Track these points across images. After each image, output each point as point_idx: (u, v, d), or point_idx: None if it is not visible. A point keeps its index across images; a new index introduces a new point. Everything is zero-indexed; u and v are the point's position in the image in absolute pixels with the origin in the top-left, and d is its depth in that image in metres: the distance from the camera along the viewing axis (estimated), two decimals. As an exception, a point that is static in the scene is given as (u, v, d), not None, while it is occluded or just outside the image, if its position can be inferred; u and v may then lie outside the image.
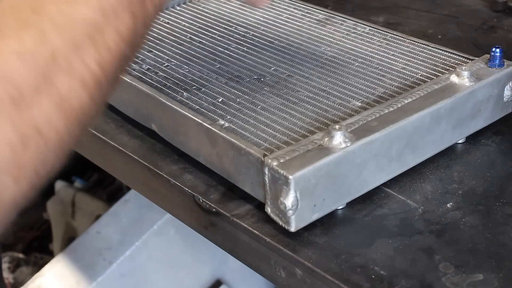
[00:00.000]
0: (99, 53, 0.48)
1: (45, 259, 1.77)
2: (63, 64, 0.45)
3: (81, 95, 0.47)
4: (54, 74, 0.45)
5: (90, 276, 1.35)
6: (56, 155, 0.46)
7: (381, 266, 0.65)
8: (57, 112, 0.45)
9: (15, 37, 0.44)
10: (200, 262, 1.43)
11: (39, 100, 0.44)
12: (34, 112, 0.44)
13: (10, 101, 0.42)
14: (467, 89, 0.79)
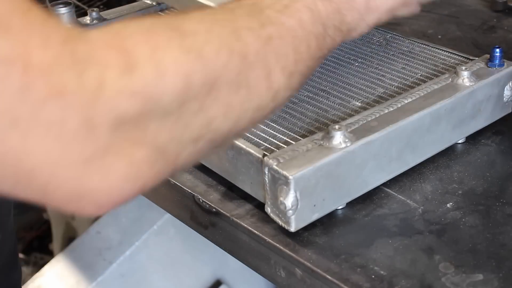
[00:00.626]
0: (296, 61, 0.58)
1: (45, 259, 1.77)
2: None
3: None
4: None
5: (90, 276, 1.35)
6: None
7: (381, 266, 0.65)
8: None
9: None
10: (200, 262, 1.43)
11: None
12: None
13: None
14: (467, 89, 0.79)
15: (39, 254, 1.92)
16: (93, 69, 0.43)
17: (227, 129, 0.52)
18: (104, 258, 1.37)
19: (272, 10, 0.58)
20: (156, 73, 0.46)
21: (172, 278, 1.41)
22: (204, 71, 0.49)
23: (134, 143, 0.45)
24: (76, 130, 0.42)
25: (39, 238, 1.95)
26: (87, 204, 0.45)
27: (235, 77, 0.51)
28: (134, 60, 0.45)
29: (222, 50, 0.51)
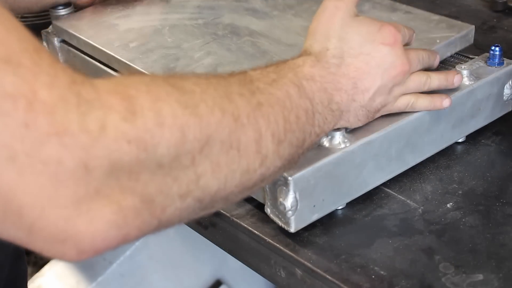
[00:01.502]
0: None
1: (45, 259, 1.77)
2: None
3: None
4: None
5: (90, 276, 1.35)
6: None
7: (381, 266, 0.65)
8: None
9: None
10: (200, 262, 1.43)
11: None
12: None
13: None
14: (467, 88, 0.79)
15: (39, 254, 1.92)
16: (96, 111, 0.44)
17: (215, 188, 0.52)
18: (104, 258, 1.37)
19: (260, 82, 0.60)
20: (155, 122, 0.47)
21: (172, 278, 1.41)
22: (199, 127, 0.50)
23: (124, 191, 0.46)
24: (72, 171, 0.42)
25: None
26: (70, 248, 0.45)
27: (227, 136, 0.52)
28: (136, 107, 0.46)
29: (216, 109, 0.52)
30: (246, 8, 0.99)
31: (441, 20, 0.88)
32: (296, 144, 0.60)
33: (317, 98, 0.64)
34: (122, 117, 0.45)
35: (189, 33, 0.93)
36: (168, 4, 1.03)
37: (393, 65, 0.68)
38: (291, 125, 0.59)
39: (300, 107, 0.61)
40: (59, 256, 0.46)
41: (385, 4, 0.95)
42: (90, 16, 1.02)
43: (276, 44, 0.88)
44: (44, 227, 0.43)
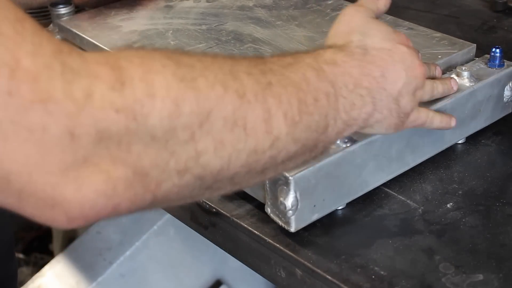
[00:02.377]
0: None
1: (45, 259, 1.77)
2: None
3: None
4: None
5: (90, 276, 1.35)
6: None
7: (381, 266, 0.65)
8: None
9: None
10: (200, 262, 1.43)
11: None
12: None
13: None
14: (467, 90, 0.79)
15: (39, 254, 1.92)
16: (83, 80, 0.44)
17: (217, 167, 0.51)
18: (104, 258, 1.37)
19: (275, 65, 0.58)
20: (146, 93, 0.46)
21: (172, 278, 1.41)
22: (196, 101, 0.49)
23: (115, 161, 0.45)
24: (58, 138, 0.42)
25: (39, 238, 1.95)
26: (59, 214, 0.45)
27: (231, 113, 0.51)
28: (125, 77, 0.46)
29: (217, 84, 0.51)
30: (250, 17, 0.99)
31: (443, 38, 0.89)
32: (315, 129, 0.58)
33: (340, 81, 0.61)
34: (109, 86, 0.44)
35: (192, 38, 0.94)
36: (172, 9, 1.04)
37: (413, 64, 0.67)
38: (307, 107, 0.57)
39: (319, 90, 0.59)
40: (50, 222, 0.46)
41: (388, 20, 0.95)
42: (94, 17, 1.02)
43: (278, 51, 0.88)
44: (33, 193, 0.43)
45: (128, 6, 1.05)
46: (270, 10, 1.01)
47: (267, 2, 1.04)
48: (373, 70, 0.64)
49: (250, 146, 0.52)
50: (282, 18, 0.99)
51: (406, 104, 0.67)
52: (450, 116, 0.75)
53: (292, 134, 0.55)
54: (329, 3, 1.03)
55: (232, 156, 0.51)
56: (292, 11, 1.01)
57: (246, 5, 1.04)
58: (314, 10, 1.01)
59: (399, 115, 0.67)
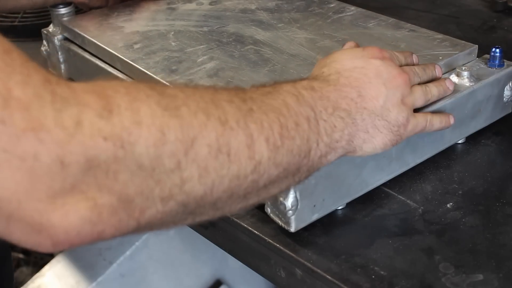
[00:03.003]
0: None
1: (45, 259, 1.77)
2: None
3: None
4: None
5: (90, 276, 1.35)
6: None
7: (381, 266, 0.65)
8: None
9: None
10: (200, 262, 1.43)
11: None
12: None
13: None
14: (467, 89, 0.79)
15: (39, 254, 1.92)
16: (72, 108, 0.44)
17: (201, 193, 0.52)
18: (104, 258, 1.37)
19: (255, 94, 0.59)
20: (133, 121, 0.47)
21: (172, 278, 1.41)
22: (180, 128, 0.49)
23: (101, 189, 0.46)
24: (48, 166, 0.43)
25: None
26: (45, 239, 0.46)
27: (215, 140, 0.52)
28: (112, 105, 0.46)
29: (200, 112, 0.52)
30: (252, 20, 0.99)
31: (444, 39, 0.89)
32: (297, 153, 0.58)
33: (320, 105, 0.62)
34: (97, 114, 0.45)
35: (194, 39, 0.94)
36: (174, 11, 1.04)
37: (391, 75, 0.67)
38: (289, 132, 0.58)
39: (300, 114, 0.59)
40: (35, 247, 0.47)
41: (390, 22, 0.95)
42: (96, 18, 1.03)
43: (279, 53, 0.89)
44: (21, 219, 0.44)
45: (131, 8, 1.05)
46: (272, 13, 1.02)
47: (269, 5, 1.04)
48: (349, 92, 0.64)
49: (233, 172, 0.53)
50: (284, 21, 0.99)
51: (397, 116, 0.67)
52: (447, 115, 0.75)
53: (273, 158, 0.56)
54: (331, 6, 1.03)
55: (215, 182, 0.52)
56: (294, 13, 1.01)
57: (249, 8, 1.04)
58: (316, 13, 1.01)
59: (391, 130, 0.66)
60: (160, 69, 0.86)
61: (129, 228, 0.49)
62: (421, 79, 0.74)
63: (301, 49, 0.89)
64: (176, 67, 0.86)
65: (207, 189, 0.52)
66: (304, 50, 0.89)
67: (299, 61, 0.86)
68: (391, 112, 0.66)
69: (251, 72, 0.84)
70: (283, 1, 1.06)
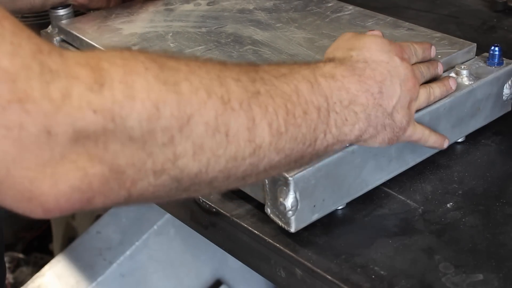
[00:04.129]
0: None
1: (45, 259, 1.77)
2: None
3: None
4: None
5: (90, 276, 1.35)
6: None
7: (381, 266, 0.65)
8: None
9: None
10: (200, 262, 1.43)
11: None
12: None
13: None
14: (466, 88, 0.79)
15: (39, 254, 1.92)
16: (61, 80, 0.44)
17: (195, 170, 0.51)
18: (104, 258, 1.37)
19: (267, 74, 0.58)
20: (126, 94, 0.46)
21: (172, 278, 1.41)
22: (177, 104, 0.49)
23: (92, 158, 0.46)
24: (35, 136, 0.43)
25: (39, 238, 1.95)
26: (36, 207, 0.46)
27: (213, 119, 0.51)
28: (105, 78, 0.46)
29: (201, 89, 0.51)
30: (250, 20, 0.99)
31: (443, 38, 0.89)
32: (301, 141, 0.58)
33: (336, 96, 0.61)
34: (88, 87, 0.45)
35: (192, 40, 0.94)
36: (172, 12, 1.04)
37: (407, 77, 0.68)
38: (295, 119, 0.57)
39: (310, 103, 0.59)
40: (27, 213, 0.47)
41: (388, 21, 0.95)
42: (94, 20, 1.03)
43: (278, 53, 0.89)
44: (11, 186, 0.45)
45: (129, 9, 1.05)
46: (270, 13, 1.01)
47: (267, 5, 1.04)
48: (372, 85, 0.65)
49: (230, 152, 0.52)
50: (282, 21, 0.99)
51: (402, 119, 0.67)
52: (444, 138, 0.76)
53: (275, 144, 0.56)
54: (329, 5, 1.03)
55: (210, 160, 0.52)
56: (292, 13, 1.01)
57: (246, 8, 1.04)
58: (314, 12, 1.01)
59: (393, 130, 0.67)
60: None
61: (120, 198, 0.49)
62: (425, 78, 0.74)
63: (299, 49, 0.89)
64: None
65: (202, 167, 0.51)
66: (303, 50, 0.89)
67: (298, 61, 0.85)
68: (399, 114, 0.67)
69: None
70: (281, 1, 1.06)
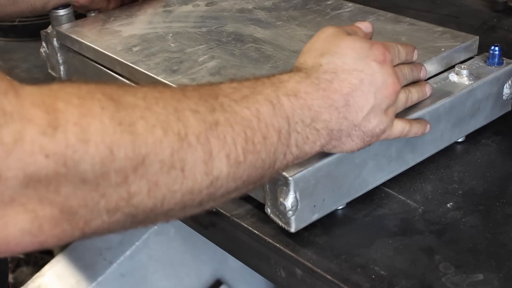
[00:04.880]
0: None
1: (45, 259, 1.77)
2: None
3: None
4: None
5: (90, 276, 1.35)
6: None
7: (381, 266, 0.65)
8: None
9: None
10: (200, 262, 1.43)
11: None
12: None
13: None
14: (466, 88, 0.79)
15: (39, 254, 1.92)
16: (14, 124, 0.43)
17: (150, 206, 0.50)
18: (104, 258, 1.37)
19: (228, 99, 0.56)
20: (79, 138, 0.46)
21: (172, 278, 1.41)
22: (132, 145, 0.48)
23: (42, 201, 0.45)
24: None
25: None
26: None
27: (169, 156, 0.50)
28: (59, 120, 0.45)
29: (158, 127, 0.50)
30: (250, 19, 1.00)
31: (445, 31, 0.89)
32: (261, 166, 0.57)
33: (297, 116, 0.60)
34: (41, 130, 0.44)
35: (193, 39, 0.94)
36: (171, 14, 1.04)
37: (385, 84, 0.65)
38: (254, 146, 0.56)
39: (271, 127, 0.58)
40: None
41: (389, 17, 0.95)
42: (93, 23, 1.03)
43: (280, 50, 0.88)
44: None
45: (127, 12, 1.05)
46: (269, 12, 1.01)
47: (266, 4, 1.04)
48: (337, 100, 0.63)
49: (186, 187, 0.52)
50: (282, 19, 0.99)
51: (375, 127, 0.66)
52: (425, 122, 0.74)
53: (233, 174, 0.55)
54: (328, 3, 1.03)
55: (166, 196, 0.51)
56: (292, 11, 1.01)
57: (246, 7, 1.04)
58: (314, 10, 1.01)
59: (363, 139, 0.66)
60: (161, 70, 0.86)
61: (74, 237, 0.48)
62: (407, 81, 0.72)
63: (302, 45, 0.88)
64: (177, 67, 0.86)
65: (157, 203, 0.51)
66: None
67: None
68: (370, 124, 0.65)
69: (254, 69, 0.84)
70: (280, 0, 1.06)
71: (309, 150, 0.62)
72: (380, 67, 0.65)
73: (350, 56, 0.65)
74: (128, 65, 0.88)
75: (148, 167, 0.49)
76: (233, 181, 0.55)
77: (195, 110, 0.53)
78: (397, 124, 0.69)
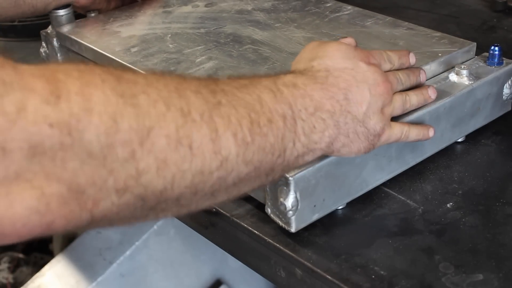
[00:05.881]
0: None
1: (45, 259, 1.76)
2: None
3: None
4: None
5: (90, 276, 1.35)
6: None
7: (381, 266, 0.65)
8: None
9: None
10: (200, 262, 1.43)
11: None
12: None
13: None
14: (466, 88, 0.79)
15: (39, 254, 1.92)
16: (15, 93, 0.42)
17: (160, 188, 0.49)
18: (104, 258, 1.37)
19: (228, 86, 0.56)
20: (82, 107, 0.45)
21: (172, 278, 1.41)
22: (135, 117, 0.47)
23: (49, 177, 0.44)
24: None
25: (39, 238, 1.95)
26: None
27: (174, 132, 0.49)
28: (61, 89, 0.44)
29: (159, 102, 0.49)
30: (249, 20, 1.00)
31: (443, 37, 0.89)
32: (270, 151, 0.56)
33: (300, 104, 0.59)
34: (44, 99, 0.43)
35: (191, 40, 0.94)
36: (170, 15, 1.04)
37: (376, 82, 0.65)
38: (261, 129, 0.55)
39: (274, 112, 0.57)
40: None
41: (388, 21, 0.95)
42: (92, 24, 1.03)
43: (278, 51, 0.89)
44: None
45: (126, 13, 1.06)
46: (268, 13, 1.02)
47: (265, 6, 1.04)
48: (336, 93, 0.63)
49: (196, 166, 0.50)
50: (281, 21, 0.99)
51: (375, 125, 0.65)
52: (427, 127, 0.73)
53: (243, 155, 0.54)
54: (328, 5, 1.03)
55: (176, 176, 0.50)
56: (291, 13, 1.01)
57: (245, 9, 1.04)
58: (313, 12, 1.01)
59: (368, 137, 0.65)
60: (159, 70, 0.86)
61: (82, 220, 0.47)
62: (404, 86, 0.72)
63: (300, 48, 0.89)
64: (175, 68, 0.86)
65: (167, 184, 0.49)
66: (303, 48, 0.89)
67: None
68: (371, 120, 0.65)
69: (251, 70, 0.84)
70: (279, 1, 1.06)
71: (318, 139, 0.61)
72: (368, 67, 0.66)
73: (338, 57, 0.66)
74: (126, 65, 0.88)
75: (154, 142, 0.48)
76: (244, 165, 0.54)
77: (196, 91, 0.53)
78: (396, 126, 0.69)
